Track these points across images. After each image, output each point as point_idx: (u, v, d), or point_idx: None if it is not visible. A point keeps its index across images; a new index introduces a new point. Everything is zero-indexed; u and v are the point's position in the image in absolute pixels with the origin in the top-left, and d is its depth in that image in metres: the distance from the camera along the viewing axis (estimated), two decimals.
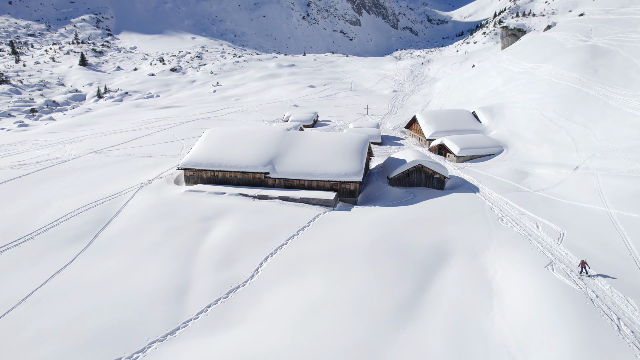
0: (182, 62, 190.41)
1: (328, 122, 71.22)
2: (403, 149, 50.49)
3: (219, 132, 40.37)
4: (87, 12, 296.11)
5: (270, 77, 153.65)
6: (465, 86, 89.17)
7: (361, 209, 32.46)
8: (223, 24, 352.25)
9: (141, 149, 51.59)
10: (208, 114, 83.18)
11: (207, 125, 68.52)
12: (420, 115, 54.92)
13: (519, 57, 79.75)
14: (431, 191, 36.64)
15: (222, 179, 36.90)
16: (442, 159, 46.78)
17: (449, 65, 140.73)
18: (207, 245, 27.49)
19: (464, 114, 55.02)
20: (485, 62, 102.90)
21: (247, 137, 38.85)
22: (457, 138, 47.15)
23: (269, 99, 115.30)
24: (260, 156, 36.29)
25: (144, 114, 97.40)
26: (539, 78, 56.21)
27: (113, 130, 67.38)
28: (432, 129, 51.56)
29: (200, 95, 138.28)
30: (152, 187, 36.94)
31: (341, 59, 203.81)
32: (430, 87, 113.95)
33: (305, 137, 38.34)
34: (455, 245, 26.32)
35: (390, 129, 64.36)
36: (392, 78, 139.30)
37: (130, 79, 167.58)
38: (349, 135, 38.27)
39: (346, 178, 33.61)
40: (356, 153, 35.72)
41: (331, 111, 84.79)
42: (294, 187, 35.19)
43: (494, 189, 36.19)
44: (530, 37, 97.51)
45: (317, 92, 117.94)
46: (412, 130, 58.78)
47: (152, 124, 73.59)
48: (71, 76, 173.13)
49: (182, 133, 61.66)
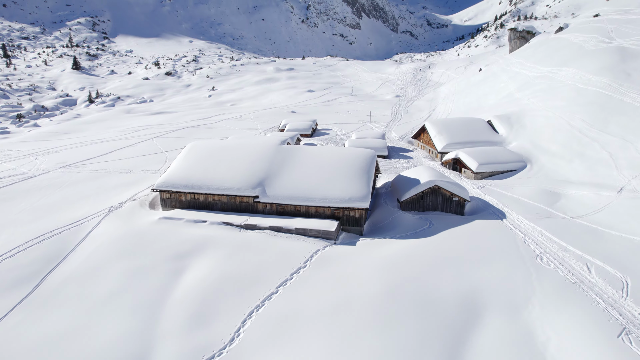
0: (178, 66, 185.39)
1: (328, 131, 65.86)
2: (413, 163, 45.08)
3: (202, 147, 34.94)
4: (83, 15, 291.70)
5: (267, 81, 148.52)
6: (474, 91, 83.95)
7: (368, 243, 26.99)
8: (221, 28, 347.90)
9: (119, 163, 46.15)
10: (200, 121, 77.82)
11: (196, 134, 63.15)
12: (430, 125, 49.57)
13: (531, 61, 74.58)
14: (449, 217, 31.20)
15: (204, 203, 31.44)
16: (457, 175, 41.37)
17: (453, 69, 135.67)
18: (179, 293, 22.02)
19: (478, 123, 49.68)
20: (493, 65, 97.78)
21: (234, 153, 33.43)
22: (474, 151, 41.78)
23: (266, 104, 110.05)
24: (249, 176, 30.86)
25: (133, 121, 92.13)
26: (562, 83, 50.91)
27: (94, 140, 61.98)
28: (445, 141, 46.18)
29: (194, 100, 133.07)
30: (122, 212, 31.48)
31: (341, 62, 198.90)
32: (435, 92, 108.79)
33: (302, 153, 32.93)
34: (488, 296, 20.87)
35: (396, 139, 58.96)
36: (394, 82, 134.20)
37: (123, 83, 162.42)
38: (353, 151, 32.87)
39: (350, 204, 28.17)
40: (362, 173, 30.29)
41: (331, 118, 79.47)
42: (288, 213, 29.75)
43: (523, 215, 30.78)
44: (540, 39, 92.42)
45: (316, 97, 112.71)
46: (420, 140, 53.40)
47: (138, 132, 68.23)
48: (63, 80, 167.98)
49: (168, 144, 56.26)
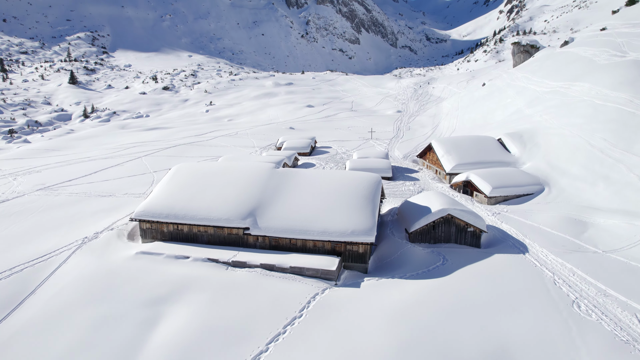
0: (176, 81, 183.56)
1: (327, 149, 62.65)
2: (420, 186, 41.65)
3: (188, 170, 31.55)
4: (83, 30, 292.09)
5: (266, 96, 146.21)
6: (478, 107, 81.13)
7: (374, 284, 23.38)
8: (221, 42, 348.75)
9: (102, 185, 42.73)
10: (194, 138, 74.69)
11: (189, 153, 59.89)
12: (437, 144, 46.34)
13: (538, 75, 71.89)
14: (464, 250, 27.66)
15: (188, 235, 27.91)
16: (469, 200, 37.94)
17: (455, 83, 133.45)
18: (151, 350, 18.39)
19: (488, 141, 46.47)
20: (497, 80, 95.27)
21: (223, 178, 30.03)
22: (487, 173, 38.42)
23: (264, 119, 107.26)
24: (239, 205, 27.41)
25: (126, 137, 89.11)
26: (576, 99, 47.91)
27: (81, 158, 58.67)
28: (453, 161, 42.88)
29: (191, 115, 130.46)
30: (97, 244, 27.93)
31: (340, 77, 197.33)
32: (437, 107, 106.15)
33: (299, 178, 29.54)
34: (521, 356, 17.27)
35: (400, 158, 55.66)
36: (395, 97, 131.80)
37: (120, 98, 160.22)
38: (355, 176, 29.48)
39: (353, 238, 24.65)
40: (366, 201, 26.85)
41: (331, 135, 76.41)
42: (282, 247, 26.21)
43: (547, 248, 27.26)
44: (545, 53, 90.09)
45: (316, 112, 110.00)
46: (426, 160, 50.12)
47: (128, 150, 65.00)
48: (59, 95, 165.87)
49: (157, 163, 52.92)
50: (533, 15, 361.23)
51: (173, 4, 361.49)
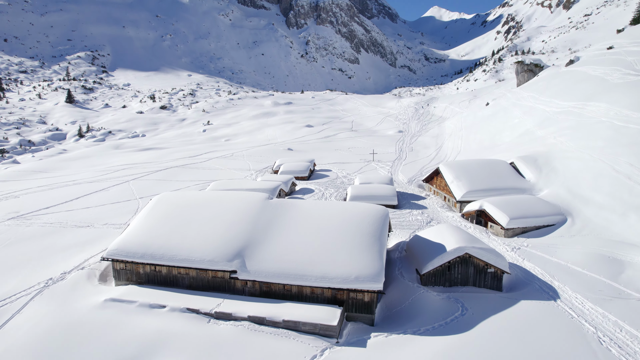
0: (174, 100, 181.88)
1: (327, 172, 59.30)
2: (428, 215, 38.06)
3: (170, 201, 28.06)
4: (83, 50, 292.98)
5: (265, 115, 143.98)
6: (484, 127, 78.28)
7: (383, 342, 19.59)
8: (221, 62, 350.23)
9: (82, 213, 39.15)
10: (187, 160, 71.45)
11: (180, 176, 56.48)
12: (445, 168, 43.01)
13: (546, 95, 69.27)
14: (485, 295, 23.97)
15: (167, 278, 24.23)
16: (483, 232, 34.36)
17: (457, 103, 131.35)
18: None
19: (500, 165, 43.16)
20: (501, 99, 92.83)
21: (209, 211, 26.53)
22: (502, 202, 34.95)
23: (262, 139, 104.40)
24: (226, 243, 23.82)
25: (119, 158, 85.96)
26: (594, 120, 44.87)
27: (66, 182, 55.20)
28: (464, 188, 39.45)
29: (188, 135, 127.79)
30: (61, 288, 24.21)
31: (340, 96, 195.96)
32: (440, 127, 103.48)
33: (295, 211, 26.04)
34: None
35: (405, 183, 52.23)
36: (396, 117, 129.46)
37: (116, 117, 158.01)
38: (359, 208, 25.98)
39: (358, 285, 20.99)
40: (372, 240, 23.27)
41: (331, 156, 73.22)
42: (275, 294, 22.50)
43: (581, 293, 23.56)
44: (550, 72, 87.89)
45: (315, 132, 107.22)
46: (434, 185, 46.71)
47: (117, 172, 61.63)
48: (55, 114, 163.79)
49: (145, 188, 49.48)
50: (530, 35, 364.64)
51: (174, 24, 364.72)
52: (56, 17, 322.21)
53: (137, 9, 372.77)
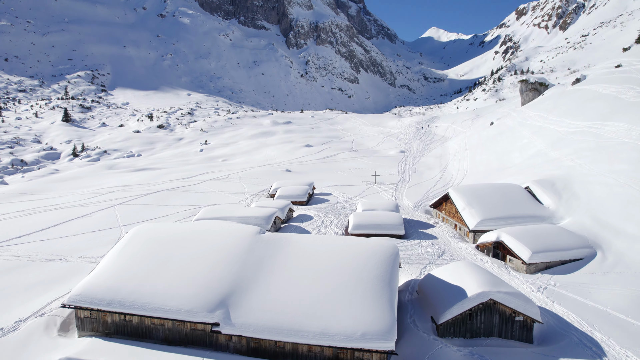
0: (172, 119, 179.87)
1: (327, 196, 55.82)
2: (440, 247, 34.40)
3: (148, 235, 24.52)
4: (83, 69, 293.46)
5: (263, 135, 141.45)
6: (490, 148, 75.27)
7: None
8: (221, 81, 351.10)
9: (56, 243, 35.49)
10: (181, 181, 68.04)
11: (169, 201, 52.98)
12: (455, 194, 39.58)
13: (555, 114, 66.51)
14: (514, 351, 20.24)
15: (139, 329, 20.49)
16: (502, 267, 30.70)
17: (459, 122, 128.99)
18: None
19: (515, 190, 39.74)
20: (507, 119, 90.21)
21: (191, 248, 22.96)
22: (522, 233, 31.41)
23: (260, 160, 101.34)
24: (208, 288, 20.19)
25: (111, 179, 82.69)
26: (615, 141, 41.74)
27: (47, 206, 51.65)
28: (478, 216, 35.92)
29: (185, 154, 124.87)
30: (10, 343, 20.42)
31: (340, 115, 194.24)
32: (443, 148, 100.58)
33: (291, 248, 22.47)
34: None
35: (410, 208, 48.67)
36: (397, 136, 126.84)
37: (113, 136, 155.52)
38: (364, 245, 22.42)
39: (365, 344, 17.29)
40: (381, 285, 19.65)
41: (331, 178, 69.90)
42: (265, 352, 18.75)
43: (632, 349, 19.82)
44: (556, 91, 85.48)
45: (315, 152, 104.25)
46: (442, 211, 43.19)
47: (105, 195, 58.15)
48: (50, 133, 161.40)
49: (130, 214, 45.95)
50: (529, 55, 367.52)
51: (174, 44, 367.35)
52: (58, 37, 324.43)
53: (139, 29, 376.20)
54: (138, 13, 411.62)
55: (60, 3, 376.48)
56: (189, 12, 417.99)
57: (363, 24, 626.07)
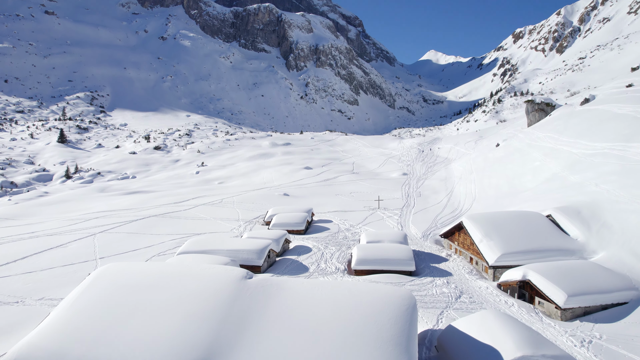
0: (169, 140, 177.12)
1: (327, 224, 51.66)
2: (456, 286, 30.07)
3: (113, 279, 20.32)
4: (83, 90, 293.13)
5: (262, 156, 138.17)
6: (499, 170, 71.57)
7: None
8: (220, 103, 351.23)
9: (18, 280, 31.15)
10: (171, 207, 63.96)
11: (156, 228, 48.76)
12: (470, 223, 35.48)
13: (567, 135, 63.10)
14: None
15: None
16: (531, 311, 26.36)
17: (462, 144, 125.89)
18: None
19: (536, 219, 35.66)
20: (513, 140, 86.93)
21: (163, 295, 18.76)
22: (552, 271, 27.20)
23: (257, 182, 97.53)
24: (178, 351, 15.90)
25: (100, 202, 78.64)
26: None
27: (22, 234, 47.38)
28: (498, 249, 31.73)
29: (180, 177, 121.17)
30: None
31: (340, 137, 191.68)
32: (447, 170, 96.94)
33: (283, 297, 18.28)
34: None
35: (419, 238, 44.45)
36: (399, 158, 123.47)
37: (108, 158, 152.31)
38: (374, 294, 18.25)
39: None
40: (396, 350, 15.37)
41: (331, 203, 65.88)
42: None
43: None
44: (565, 111, 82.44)
45: (314, 175, 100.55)
46: (455, 242, 39.00)
47: (89, 222, 53.98)
48: (44, 154, 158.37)
49: (111, 244, 41.74)
50: (527, 77, 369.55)
51: (175, 66, 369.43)
52: (59, 59, 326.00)
53: (140, 52, 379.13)
54: (140, 36, 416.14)
55: (63, 26, 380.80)
56: (190, 35, 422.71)
57: (362, 47, 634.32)
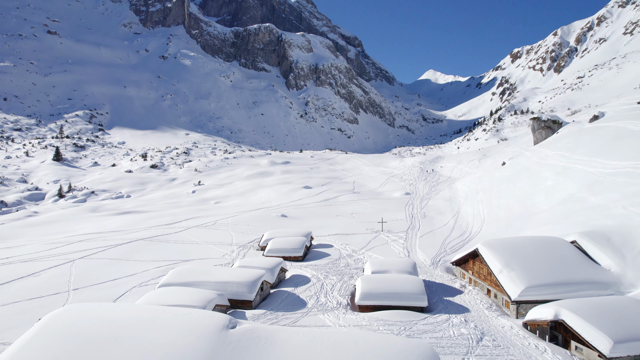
0: (166, 159, 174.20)
1: (327, 249, 47.83)
2: (475, 323, 26.18)
3: (65, 328, 16.60)
4: (82, 108, 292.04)
5: (260, 175, 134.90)
6: (507, 190, 68.13)
7: None
8: (220, 121, 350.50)
9: None
10: (162, 229, 60.17)
11: (140, 254, 44.89)
12: (487, 251, 31.75)
13: (580, 153, 59.95)
14: None
15: None
16: (567, 357, 22.43)
17: (466, 162, 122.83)
18: None
19: (560, 246, 31.96)
20: (520, 159, 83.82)
21: (123, 350, 15.01)
22: (591, 309, 23.41)
23: (255, 202, 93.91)
24: None
25: (88, 224, 74.99)
26: None
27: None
28: (521, 282, 27.95)
29: (176, 196, 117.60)
30: None
31: (340, 155, 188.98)
32: (451, 190, 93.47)
33: (272, 355, 14.52)
34: None
35: (427, 265, 40.56)
36: (401, 177, 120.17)
37: (103, 176, 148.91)
38: (388, 351, 14.50)
39: None
40: None
41: (331, 224, 62.14)
42: None
43: None
44: (573, 129, 79.59)
45: (314, 194, 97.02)
46: (470, 271, 35.18)
47: (72, 245, 50.14)
48: (38, 172, 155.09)
49: (90, 271, 37.90)
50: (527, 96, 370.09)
51: (175, 85, 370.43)
52: (59, 78, 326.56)
53: (140, 70, 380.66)
54: (141, 55, 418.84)
55: (65, 45, 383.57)
56: (190, 54, 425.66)
57: (362, 66, 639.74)
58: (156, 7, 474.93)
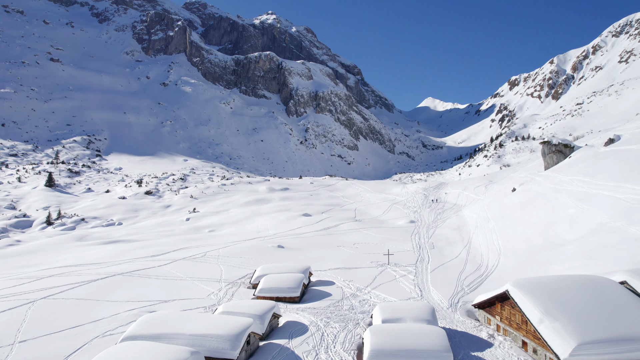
0: (162, 185, 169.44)
1: (328, 287, 42.13)
2: None
3: None
4: (81, 134, 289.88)
5: (258, 202, 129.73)
6: (522, 218, 62.92)
7: None
8: (219, 147, 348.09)
9: None
10: (145, 261, 54.50)
11: (115, 293, 39.19)
12: (520, 295, 26.30)
13: (602, 178, 55.18)
14: None
15: None
16: None
17: (471, 188, 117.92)
18: None
19: (609, 288, 26.59)
20: (531, 184, 78.96)
21: None
22: None
23: (251, 231, 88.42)
24: None
25: (69, 254, 69.42)
26: None
27: None
28: (571, 338, 22.43)
29: (169, 224, 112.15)
30: None
31: (340, 182, 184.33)
32: (459, 217, 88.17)
33: None
34: None
35: (445, 307, 34.84)
36: (404, 204, 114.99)
37: (95, 203, 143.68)
38: None
39: None
40: None
41: (332, 256, 56.56)
42: None
43: None
44: (587, 153, 75.11)
45: (313, 222, 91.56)
46: (496, 316, 29.57)
47: (40, 281, 44.48)
48: (28, 198, 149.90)
49: (49, 316, 32.22)
50: (526, 123, 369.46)
51: (175, 111, 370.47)
52: (59, 104, 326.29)
53: (140, 97, 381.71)
54: (142, 82, 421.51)
55: (66, 72, 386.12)
56: (191, 81, 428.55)
57: (361, 94, 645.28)
58: (158, 36, 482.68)
